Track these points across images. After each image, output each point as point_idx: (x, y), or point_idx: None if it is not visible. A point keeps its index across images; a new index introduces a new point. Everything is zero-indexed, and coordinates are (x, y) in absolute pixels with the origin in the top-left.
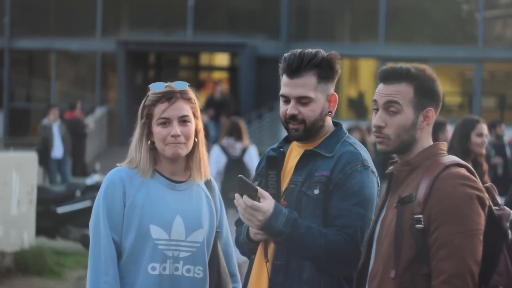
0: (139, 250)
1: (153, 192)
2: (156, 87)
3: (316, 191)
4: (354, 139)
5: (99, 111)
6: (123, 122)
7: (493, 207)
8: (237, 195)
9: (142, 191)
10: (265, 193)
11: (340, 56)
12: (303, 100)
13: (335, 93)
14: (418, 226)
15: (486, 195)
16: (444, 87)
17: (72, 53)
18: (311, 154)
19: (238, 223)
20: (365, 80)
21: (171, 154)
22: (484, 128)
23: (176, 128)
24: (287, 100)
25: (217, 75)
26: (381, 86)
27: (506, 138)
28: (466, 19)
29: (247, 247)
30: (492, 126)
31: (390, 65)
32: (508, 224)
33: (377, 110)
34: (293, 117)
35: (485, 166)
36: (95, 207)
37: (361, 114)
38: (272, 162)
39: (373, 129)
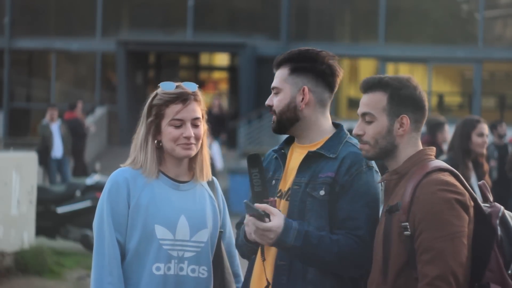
0: (143, 250)
1: (157, 192)
2: (167, 87)
3: (322, 192)
4: (356, 140)
5: (99, 111)
6: (123, 122)
7: (483, 205)
8: (246, 216)
9: (146, 192)
10: (274, 210)
11: (340, 56)
12: (274, 91)
13: (306, 87)
14: (405, 233)
15: (467, 197)
16: (444, 87)
17: (72, 53)
18: (314, 156)
19: (239, 225)
20: None
21: (182, 155)
22: (485, 128)
23: (190, 130)
24: None
25: (217, 75)
26: (362, 97)
27: (506, 138)
28: (466, 19)
29: (246, 248)
30: (493, 127)
31: (389, 65)
32: (497, 221)
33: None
34: (270, 108)
35: (486, 167)
36: (99, 207)
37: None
38: (253, 160)
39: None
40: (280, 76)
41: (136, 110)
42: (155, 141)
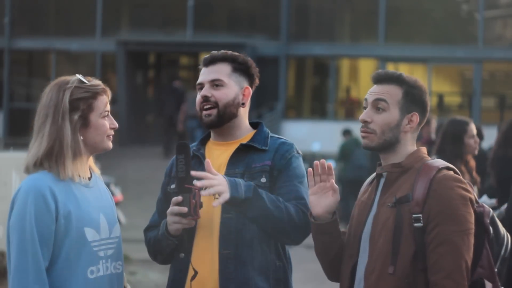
0: (75, 256)
1: (77, 194)
2: (84, 79)
3: (263, 179)
4: (278, 135)
5: None
6: (123, 122)
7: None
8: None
9: (69, 196)
10: (213, 171)
11: (340, 56)
12: (216, 82)
13: (249, 88)
14: (417, 224)
15: (473, 195)
16: (444, 87)
17: (72, 53)
18: (245, 148)
19: (148, 229)
20: (365, 80)
21: (109, 147)
22: (474, 128)
23: (114, 121)
24: (201, 87)
25: None
26: (373, 87)
27: None
28: (466, 19)
29: (166, 242)
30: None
31: (389, 65)
32: (488, 221)
33: (366, 108)
34: (206, 99)
35: (472, 163)
36: (18, 219)
37: (360, 114)
38: (181, 147)
39: (361, 124)
40: (223, 70)
41: (136, 110)
42: (81, 137)
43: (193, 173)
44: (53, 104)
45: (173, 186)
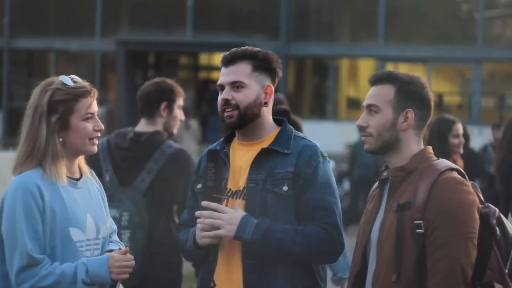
0: (61, 256)
1: (64, 194)
2: (68, 81)
3: (285, 188)
4: (302, 134)
5: (99, 111)
6: (122, 122)
7: (480, 206)
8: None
9: (55, 195)
10: (226, 209)
11: (340, 56)
12: (236, 84)
13: (271, 85)
14: (418, 231)
15: (476, 198)
16: (444, 87)
17: (72, 53)
18: (267, 152)
19: (179, 228)
20: (364, 80)
21: (91, 150)
22: (460, 128)
23: (100, 122)
24: (222, 89)
25: (217, 75)
26: (370, 90)
27: None
28: (466, 19)
29: (195, 254)
30: (494, 128)
31: (389, 65)
32: (495, 221)
33: None
34: (227, 102)
35: (460, 163)
36: (9, 218)
37: (360, 114)
38: (212, 155)
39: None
40: (243, 71)
41: (136, 110)
42: (60, 139)
43: (204, 203)
44: (34, 105)
45: (199, 185)
